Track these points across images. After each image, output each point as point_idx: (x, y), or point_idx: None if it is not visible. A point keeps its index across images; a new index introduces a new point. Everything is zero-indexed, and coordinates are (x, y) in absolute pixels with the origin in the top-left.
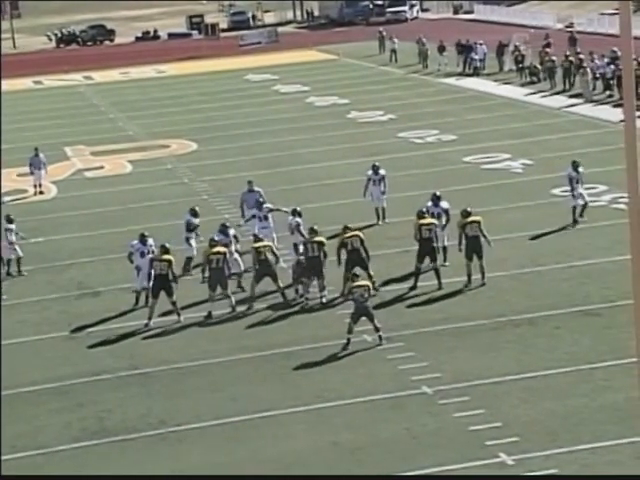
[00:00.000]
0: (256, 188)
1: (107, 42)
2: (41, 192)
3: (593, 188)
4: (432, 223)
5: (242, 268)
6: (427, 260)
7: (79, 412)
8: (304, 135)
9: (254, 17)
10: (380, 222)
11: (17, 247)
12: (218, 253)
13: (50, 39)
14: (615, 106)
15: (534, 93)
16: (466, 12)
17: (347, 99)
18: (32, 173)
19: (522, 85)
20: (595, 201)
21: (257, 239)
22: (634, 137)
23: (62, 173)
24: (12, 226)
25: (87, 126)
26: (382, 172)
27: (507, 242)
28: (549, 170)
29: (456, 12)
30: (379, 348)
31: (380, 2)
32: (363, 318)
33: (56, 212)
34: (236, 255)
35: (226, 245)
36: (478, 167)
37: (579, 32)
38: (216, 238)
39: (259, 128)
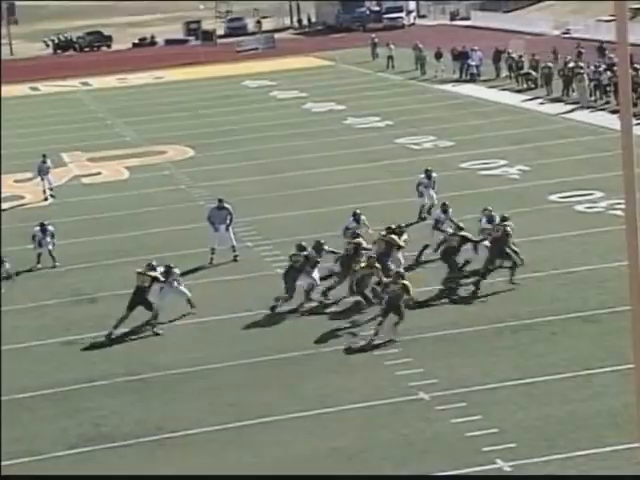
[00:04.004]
0: (226, 205)
1: (104, 48)
2: (52, 196)
3: (590, 194)
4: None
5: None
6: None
7: (75, 418)
8: (301, 141)
9: (258, 22)
10: (425, 215)
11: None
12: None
13: (47, 45)
14: (612, 112)
15: (531, 99)
16: (463, 19)
17: (344, 105)
18: (42, 179)
19: (519, 91)
20: (592, 207)
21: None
22: (631, 143)
23: (59, 179)
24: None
25: (84, 132)
26: (434, 175)
27: None
28: (546, 176)
29: (453, 19)
30: (376, 354)
31: (377, 8)
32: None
33: (53, 218)
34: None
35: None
36: (475, 173)
37: (574, 39)
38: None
39: (256, 134)
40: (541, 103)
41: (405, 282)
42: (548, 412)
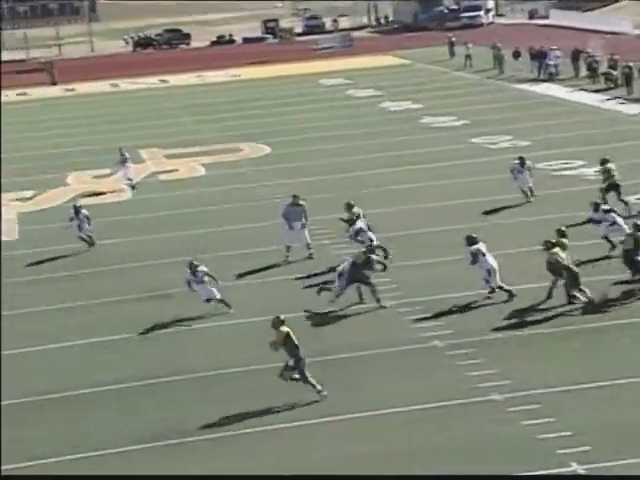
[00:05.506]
0: (301, 202)
1: (183, 46)
2: (133, 187)
3: None
4: None
5: None
6: None
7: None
8: (377, 140)
9: (335, 21)
10: (531, 199)
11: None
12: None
13: (127, 43)
14: None
15: (610, 99)
16: (541, 17)
17: (421, 104)
18: (121, 171)
19: (597, 91)
20: None
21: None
22: None
23: (136, 175)
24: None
25: (162, 129)
26: (529, 163)
27: (582, 248)
28: (623, 178)
29: (531, 17)
30: (447, 354)
31: (455, 7)
32: None
33: (129, 214)
34: None
35: None
36: (548, 173)
37: None
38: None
39: (332, 132)
40: (621, 103)
41: (563, 240)
42: (623, 415)
